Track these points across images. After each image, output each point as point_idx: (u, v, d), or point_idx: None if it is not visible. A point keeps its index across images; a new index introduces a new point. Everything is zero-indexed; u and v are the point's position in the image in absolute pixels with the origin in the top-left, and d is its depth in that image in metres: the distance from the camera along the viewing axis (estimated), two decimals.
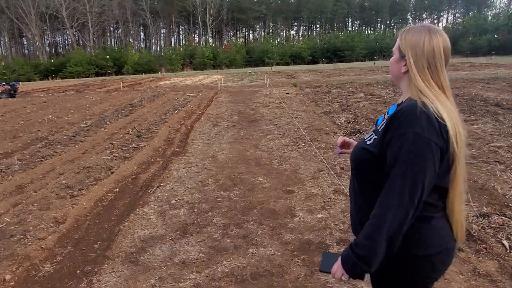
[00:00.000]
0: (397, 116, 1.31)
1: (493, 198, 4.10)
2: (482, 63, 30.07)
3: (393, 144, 1.28)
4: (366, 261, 1.27)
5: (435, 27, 1.39)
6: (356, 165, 1.49)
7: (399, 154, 1.25)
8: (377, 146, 1.36)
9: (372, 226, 1.28)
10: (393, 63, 1.47)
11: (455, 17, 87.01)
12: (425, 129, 1.23)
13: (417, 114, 1.26)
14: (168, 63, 48.03)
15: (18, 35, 69.18)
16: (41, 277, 3.10)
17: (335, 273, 1.37)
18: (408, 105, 1.31)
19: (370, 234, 1.27)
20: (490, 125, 7.55)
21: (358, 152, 1.47)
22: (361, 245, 1.29)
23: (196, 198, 4.57)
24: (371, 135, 1.45)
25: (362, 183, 1.48)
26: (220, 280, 2.91)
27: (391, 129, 1.31)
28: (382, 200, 1.28)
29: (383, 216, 1.25)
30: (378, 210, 1.28)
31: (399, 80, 1.48)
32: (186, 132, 8.67)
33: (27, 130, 9.56)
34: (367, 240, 1.27)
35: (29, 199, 4.68)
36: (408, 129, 1.25)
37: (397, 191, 1.24)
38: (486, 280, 2.74)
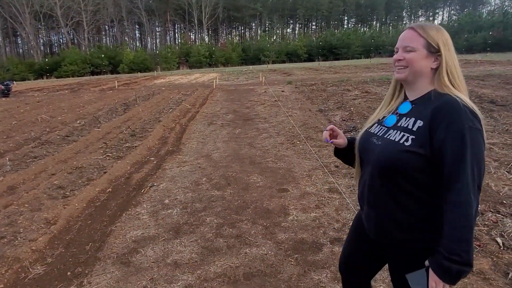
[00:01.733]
0: (441, 113, 1.33)
1: (487, 195, 4.08)
2: (477, 60, 30.16)
3: (453, 141, 1.28)
4: (468, 263, 1.27)
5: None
6: (396, 169, 1.41)
7: (462, 149, 1.27)
8: (424, 146, 1.34)
9: (463, 229, 1.26)
10: (420, 59, 1.45)
11: (450, 14, 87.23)
12: (475, 121, 1.30)
13: (462, 108, 1.30)
14: (164, 61, 47.91)
15: (12, 34, 68.71)
16: (31, 280, 3.05)
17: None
18: (449, 101, 1.35)
19: (465, 238, 1.26)
20: (484, 122, 7.54)
21: (399, 155, 1.39)
22: (457, 251, 1.26)
23: (190, 198, 4.53)
24: (403, 135, 1.41)
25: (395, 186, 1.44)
26: (213, 281, 2.88)
27: (441, 127, 1.31)
28: (460, 199, 1.27)
29: (470, 215, 1.26)
30: (461, 211, 1.26)
31: (420, 76, 1.48)
32: (180, 131, 8.62)
33: (20, 130, 9.48)
34: (463, 244, 1.26)
35: (20, 200, 4.62)
36: (462, 124, 1.28)
37: (471, 187, 1.26)
38: (480, 278, 2.72)
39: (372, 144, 1.54)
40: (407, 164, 1.37)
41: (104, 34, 76.61)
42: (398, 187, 1.43)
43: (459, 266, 1.26)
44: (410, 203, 1.41)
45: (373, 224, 1.57)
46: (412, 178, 1.39)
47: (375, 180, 1.50)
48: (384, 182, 1.46)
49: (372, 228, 1.58)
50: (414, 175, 1.38)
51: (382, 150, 1.47)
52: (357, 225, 1.79)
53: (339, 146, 1.74)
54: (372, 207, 1.54)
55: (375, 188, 1.51)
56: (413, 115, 1.45)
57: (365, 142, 1.61)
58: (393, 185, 1.44)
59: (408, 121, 1.44)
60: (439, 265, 1.30)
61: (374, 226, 1.56)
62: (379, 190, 1.49)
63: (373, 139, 1.56)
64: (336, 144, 1.72)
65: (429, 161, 1.34)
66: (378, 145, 1.50)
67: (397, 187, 1.43)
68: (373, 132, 1.59)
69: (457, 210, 1.27)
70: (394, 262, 1.59)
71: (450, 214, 1.28)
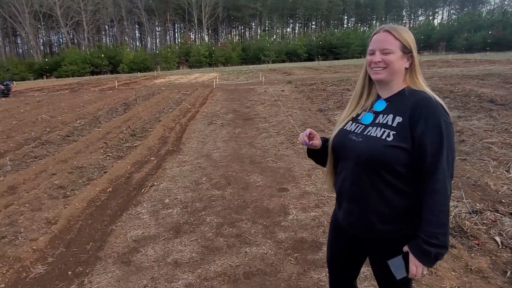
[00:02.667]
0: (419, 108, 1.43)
1: (486, 194, 4.10)
2: (477, 59, 30.13)
3: (431, 135, 1.39)
4: (445, 246, 1.39)
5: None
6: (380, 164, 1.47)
7: (440, 142, 1.38)
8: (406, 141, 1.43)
9: (440, 213, 1.37)
10: (396, 60, 1.52)
11: (450, 13, 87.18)
12: (447, 116, 1.43)
13: (436, 104, 1.43)
14: (164, 61, 47.93)
15: (12, 34, 68.68)
16: (32, 279, 3.07)
17: (415, 272, 1.43)
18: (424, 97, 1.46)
19: (442, 221, 1.38)
20: (484, 121, 7.56)
21: (383, 150, 1.45)
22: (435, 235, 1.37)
23: (190, 197, 4.55)
24: (384, 131, 1.48)
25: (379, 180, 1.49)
26: (213, 280, 2.89)
27: (421, 121, 1.41)
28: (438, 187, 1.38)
29: (445, 201, 1.38)
30: (439, 197, 1.38)
31: (396, 76, 1.55)
32: (180, 131, 8.63)
33: (20, 130, 9.49)
34: (440, 228, 1.37)
35: (21, 199, 4.64)
36: (439, 119, 1.40)
37: (446, 175, 1.38)
38: (478, 276, 2.74)
39: (351, 141, 1.58)
40: (391, 158, 1.44)
41: (104, 34, 76.60)
42: (382, 181, 1.49)
43: (437, 249, 1.38)
44: (393, 196, 1.48)
45: (356, 219, 1.60)
46: (395, 172, 1.46)
47: (358, 175, 1.54)
48: (368, 177, 1.51)
49: (356, 223, 1.61)
50: (397, 169, 1.45)
51: (365, 146, 1.51)
52: (335, 222, 1.82)
53: (316, 148, 1.74)
54: (355, 202, 1.58)
55: (358, 183, 1.55)
56: (390, 111, 1.52)
57: (343, 139, 1.63)
58: (377, 179, 1.49)
59: (387, 117, 1.51)
60: (419, 248, 1.40)
61: (358, 221, 1.59)
62: (363, 184, 1.53)
63: (351, 136, 1.59)
64: (314, 146, 1.72)
65: (411, 154, 1.43)
66: (359, 142, 1.54)
67: (380, 181, 1.49)
68: (349, 130, 1.63)
69: (435, 197, 1.38)
70: (377, 256, 1.63)
71: (429, 200, 1.39)
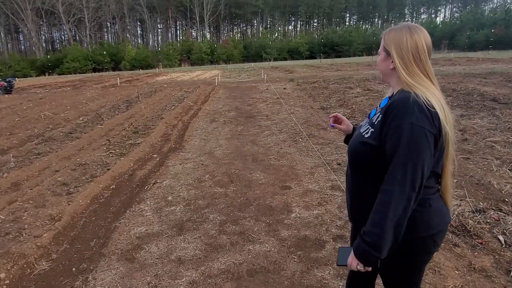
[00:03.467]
0: (391, 108, 1.39)
1: (489, 193, 4.10)
2: (479, 58, 30.05)
3: (391, 136, 1.36)
4: (376, 248, 1.34)
5: (415, 24, 1.49)
6: (355, 157, 1.58)
7: (398, 145, 1.33)
8: (376, 139, 1.44)
9: (378, 213, 1.35)
10: (380, 62, 1.56)
11: (453, 11, 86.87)
12: (419, 118, 1.32)
13: (410, 105, 1.34)
14: (166, 58, 47.90)
15: (14, 30, 68.72)
16: (36, 275, 3.09)
17: (350, 264, 1.44)
18: (401, 97, 1.40)
19: (377, 221, 1.34)
20: (487, 120, 7.55)
21: (357, 145, 1.54)
22: (369, 232, 1.36)
23: (193, 195, 4.56)
24: (367, 128, 1.53)
25: (359, 173, 1.57)
26: (216, 277, 2.90)
27: (387, 121, 1.39)
28: (386, 188, 1.35)
29: (387, 203, 1.32)
30: (382, 198, 1.35)
31: (389, 77, 1.56)
32: (183, 128, 8.64)
33: (23, 126, 9.51)
34: (375, 227, 1.34)
35: (24, 196, 4.66)
36: (403, 120, 1.33)
37: (399, 179, 1.31)
38: (482, 275, 2.74)
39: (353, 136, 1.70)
40: (361, 153, 1.51)
41: (106, 31, 76.59)
42: (361, 174, 1.56)
43: (367, 246, 1.35)
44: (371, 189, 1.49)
45: (348, 208, 1.70)
46: (369, 167, 1.50)
47: (348, 168, 1.67)
48: (352, 170, 1.62)
49: (349, 212, 1.71)
50: (370, 164, 1.49)
51: (351, 141, 1.64)
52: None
53: (344, 132, 1.91)
54: (348, 192, 1.69)
55: (348, 175, 1.68)
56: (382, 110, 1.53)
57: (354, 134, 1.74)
58: (357, 173, 1.58)
59: (378, 115, 1.53)
60: (356, 242, 1.42)
61: (350, 210, 1.69)
62: (350, 176, 1.64)
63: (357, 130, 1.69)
64: (338, 128, 1.90)
65: (379, 152, 1.43)
66: (353, 137, 1.67)
67: (360, 174, 1.56)
68: (361, 125, 1.71)
69: (380, 196, 1.36)
70: None
71: (377, 199, 1.38)
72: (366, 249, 1.36)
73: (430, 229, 1.46)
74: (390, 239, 1.33)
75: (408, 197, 1.31)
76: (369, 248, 1.35)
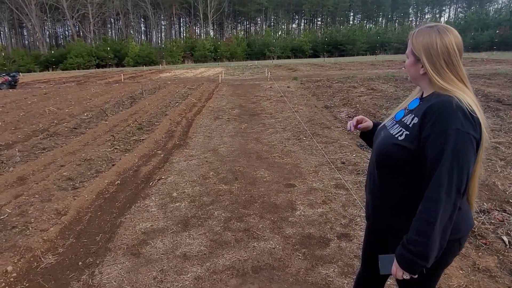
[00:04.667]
0: (432, 111, 1.35)
1: (493, 194, 4.11)
2: (484, 59, 29.93)
3: (435, 141, 1.32)
4: (422, 257, 1.31)
5: (444, 25, 1.44)
6: (385, 160, 1.52)
7: (443, 151, 1.29)
8: (413, 142, 1.40)
9: (423, 222, 1.31)
10: (409, 66, 1.52)
11: (457, 12, 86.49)
12: (464, 124, 1.29)
13: (454, 110, 1.31)
14: (169, 55, 47.91)
15: (18, 25, 68.83)
16: (43, 269, 3.12)
17: (395, 273, 1.41)
18: (442, 100, 1.36)
19: (423, 230, 1.31)
20: (491, 121, 7.54)
21: (390, 148, 1.48)
22: (414, 242, 1.32)
23: (197, 191, 4.58)
24: (400, 130, 1.48)
25: (388, 176, 1.53)
26: (221, 273, 2.93)
27: (428, 125, 1.35)
28: (432, 196, 1.31)
29: (434, 211, 1.29)
30: (428, 206, 1.31)
31: (419, 80, 1.53)
32: (187, 125, 8.66)
33: (28, 121, 9.55)
34: (420, 236, 1.31)
35: (30, 190, 4.69)
36: (449, 126, 1.30)
37: (445, 186, 1.29)
38: (486, 275, 2.75)
39: (379, 136, 1.64)
40: (395, 156, 1.46)
41: (110, 27, 76.58)
42: (390, 177, 1.52)
43: (412, 256, 1.33)
44: (400, 192, 1.49)
45: (370, 210, 1.67)
46: (401, 169, 1.46)
47: (374, 169, 1.61)
48: (379, 171, 1.57)
49: (370, 214, 1.68)
50: (403, 167, 1.45)
51: (380, 142, 1.58)
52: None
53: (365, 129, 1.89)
54: (370, 193, 1.65)
55: (373, 176, 1.62)
56: (415, 112, 1.49)
57: (377, 133, 1.71)
58: (386, 174, 1.54)
59: (410, 117, 1.49)
60: (399, 251, 1.39)
61: (371, 212, 1.66)
62: (376, 178, 1.59)
63: (382, 131, 1.64)
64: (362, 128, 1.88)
65: (416, 156, 1.40)
66: (380, 137, 1.60)
67: (389, 177, 1.53)
68: (385, 125, 1.67)
69: (425, 204, 1.33)
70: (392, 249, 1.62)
71: (420, 207, 1.35)
72: (412, 259, 1.33)
73: (458, 232, 1.45)
74: (437, 247, 1.32)
75: (454, 204, 1.31)
76: (415, 258, 1.33)
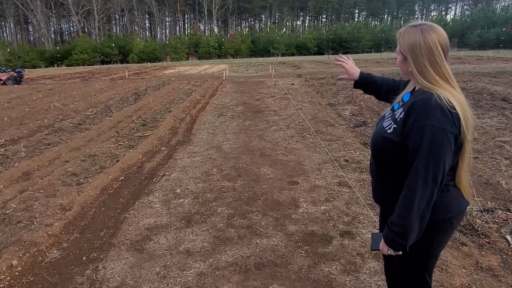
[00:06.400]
0: (414, 108, 1.48)
1: (497, 193, 4.09)
2: (490, 57, 29.72)
3: (414, 136, 1.46)
4: (402, 237, 1.51)
5: (428, 24, 1.52)
6: (377, 150, 1.70)
7: (420, 145, 1.44)
8: (398, 135, 1.55)
9: (403, 207, 1.49)
10: (400, 64, 1.66)
11: (463, 9, 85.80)
12: (441, 120, 1.41)
13: (433, 107, 1.43)
14: (173, 52, 47.96)
15: (23, 21, 69.07)
16: (47, 263, 3.15)
17: (382, 249, 1.62)
18: (423, 98, 1.48)
19: (403, 214, 1.49)
20: (496, 119, 7.50)
21: (380, 140, 1.65)
22: (395, 223, 1.52)
23: (201, 188, 4.60)
24: (390, 123, 1.63)
25: (381, 164, 1.71)
26: (224, 269, 2.94)
27: (410, 121, 1.48)
28: (410, 184, 1.48)
29: (411, 198, 1.46)
30: (407, 193, 1.49)
31: (409, 76, 1.64)
32: (190, 122, 8.68)
33: (33, 117, 9.61)
34: (400, 219, 1.50)
35: (35, 185, 4.72)
36: (426, 122, 1.43)
37: (422, 176, 1.44)
38: (489, 274, 2.75)
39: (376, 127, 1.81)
40: (384, 148, 1.63)
41: (114, 23, 76.72)
42: (384, 164, 1.69)
43: (394, 235, 1.53)
44: (393, 178, 1.65)
45: (373, 192, 1.87)
46: (390, 159, 1.63)
47: (372, 157, 1.80)
48: (375, 159, 1.75)
49: (374, 196, 1.87)
50: (390, 157, 1.62)
51: (374, 133, 1.76)
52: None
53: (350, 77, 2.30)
54: (373, 178, 1.84)
55: (372, 163, 1.81)
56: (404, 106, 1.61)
57: (377, 123, 1.85)
58: (380, 162, 1.71)
59: (400, 111, 1.62)
60: (385, 231, 1.59)
61: (374, 194, 1.86)
62: (374, 165, 1.78)
63: (380, 121, 1.79)
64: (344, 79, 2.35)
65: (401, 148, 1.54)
66: (376, 129, 1.77)
67: (383, 164, 1.70)
68: (384, 115, 1.80)
69: (404, 192, 1.50)
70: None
71: (402, 193, 1.52)
72: (394, 238, 1.53)
73: (447, 212, 1.59)
74: (416, 229, 1.49)
75: (431, 192, 1.45)
76: (397, 237, 1.52)
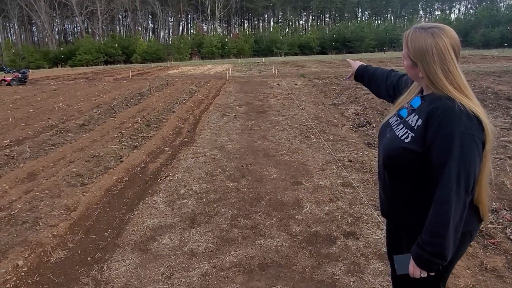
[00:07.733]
0: (434, 116, 1.38)
1: (502, 193, 4.08)
2: (494, 56, 29.59)
3: (441, 145, 1.35)
4: (440, 256, 1.38)
5: (439, 27, 1.42)
6: (392, 162, 1.56)
7: (449, 154, 1.33)
8: (420, 145, 1.43)
9: (437, 224, 1.37)
10: (408, 69, 1.53)
11: (467, 8, 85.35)
12: (468, 126, 1.32)
13: (457, 113, 1.34)
14: (176, 52, 48.06)
15: (27, 22, 69.40)
16: (53, 264, 3.17)
17: (413, 273, 1.47)
18: (445, 104, 1.37)
19: (438, 232, 1.36)
20: (501, 119, 7.47)
21: (397, 150, 1.51)
22: (429, 242, 1.38)
23: (205, 188, 4.61)
24: (406, 132, 1.50)
25: (396, 177, 1.58)
26: (228, 270, 2.95)
27: (432, 130, 1.37)
28: (441, 198, 1.35)
29: (445, 213, 1.34)
30: (439, 208, 1.36)
31: (419, 81, 1.54)
32: (194, 122, 8.70)
33: (37, 117, 9.66)
34: (436, 237, 1.37)
35: (40, 186, 4.75)
36: (453, 129, 1.32)
37: (454, 188, 1.33)
38: (493, 275, 2.74)
39: (385, 135, 1.66)
40: (403, 158, 1.49)
41: (118, 24, 76.95)
42: (399, 177, 1.56)
43: (430, 257, 1.38)
44: (410, 191, 1.53)
45: (385, 206, 1.73)
46: (409, 171, 1.50)
47: (382, 168, 1.65)
48: (389, 172, 1.61)
49: (385, 210, 1.74)
50: (410, 168, 1.49)
51: (387, 143, 1.60)
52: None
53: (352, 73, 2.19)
54: (383, 190, 1.71)
55: (382, 174, 1.66)
56: (418, 112, 1.50)
57: (382, 131, 1.72)
58: (395, 175, 1.58)
59: (414, 117, 1.50)
60: (415, 251, 1.44)
61: (386, 208, 1.72)
62: (385, 177, 1.64)
63: (387, 129, 1.66)
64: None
65: (423, 158, 1.43)
66: (387, 138, 1.62)
67: (398, 177, 1.57)
68: (390, 123, 1.68)
69: (435, 206, 1.37)
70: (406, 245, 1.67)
71: (431, 209, 1.39)
72: (429, 259, 1.40)
73: (469, 225, 1.49)
74: (452, 245, 1.38)
75: (464, 203, 1.36)
76: (433, 258, 1.39)
